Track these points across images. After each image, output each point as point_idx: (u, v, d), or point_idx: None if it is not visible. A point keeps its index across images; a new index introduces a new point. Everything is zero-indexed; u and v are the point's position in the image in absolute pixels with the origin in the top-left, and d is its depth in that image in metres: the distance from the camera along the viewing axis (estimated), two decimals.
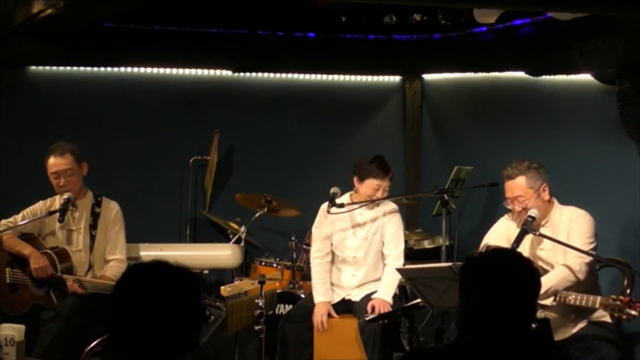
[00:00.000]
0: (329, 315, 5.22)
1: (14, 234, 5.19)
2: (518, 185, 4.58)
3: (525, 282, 2.62)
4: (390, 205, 5.35)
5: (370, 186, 5.22)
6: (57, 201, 5.32)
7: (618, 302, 4.10)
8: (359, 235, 5.31)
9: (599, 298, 4.21)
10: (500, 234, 4.75)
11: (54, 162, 5.24)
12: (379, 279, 5.29)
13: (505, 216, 4.84)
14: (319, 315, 5.19)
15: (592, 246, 4.48)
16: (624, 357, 4.37)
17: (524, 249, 4.63)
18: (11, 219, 5.25)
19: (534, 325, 4.21)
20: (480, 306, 2.59)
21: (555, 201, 4.66)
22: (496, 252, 2.74)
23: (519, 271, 2.63)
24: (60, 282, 5.06)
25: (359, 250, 5.30)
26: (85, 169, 5.34)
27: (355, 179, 5.27)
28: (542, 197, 4.59)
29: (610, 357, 4.27)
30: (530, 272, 2.66)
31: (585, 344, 4.37)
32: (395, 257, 5.25)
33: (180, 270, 2.38)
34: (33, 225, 5.24)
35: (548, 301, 4.36)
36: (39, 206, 5.32)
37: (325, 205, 5.36)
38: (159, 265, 2.38)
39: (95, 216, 5.32)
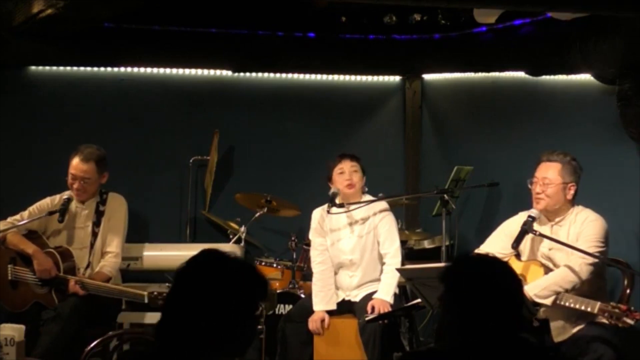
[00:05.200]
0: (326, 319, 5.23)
1: (18, 231, 5.20)
2: (552, 169, 4.59)
3: (505, 287, 2.65)
4: (381, 205, 5.33)
5: (337, 176, 5.24)
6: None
7: (617, 310, 4.09)
8: (352, 236, 5.30)
9: (598, 304, 4.18)
10: (507, 233, 4.71)
11: (76, 165, 5.25)
12: (377, 279, 5.28)
13: (520, 214, 4.75)
14: (313, 322, 5.20)
15: (599, 250, 4.42)
16: (624, 358, 4.36)
17: (535, 248, 4.63)
18: (17, 216, 5.26)
19: (536, 324, 4.24)
20: (465, 312, 2.62)
21: (578, 205, 4.63)
22: (474, 260, 2.78)
23: (498, 276, 2.66)
24: (63, 282, 5.06)
25: (353, 252, 5.29)
26: (105, 178, 5.36)
27: (329, 185, 5.30)
28: (565, 193, 4.57)
29: (607, 357, 4.27)
30: (507, 275, 2.69)
31: (585, 343, 4.36)
32: (393, 254, 5.24)
33: (251, 269, 2.40)
34: (38, 222, 5.24)
35: (548, 301, 4.35)
36: (47, 203, 5.32)
37: (316, 213, 5.39)
38: (232, 257, 2.40)
39: (99, 214, 5.33)
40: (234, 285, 2.34)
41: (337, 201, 5.25)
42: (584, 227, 4.51)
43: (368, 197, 5.34)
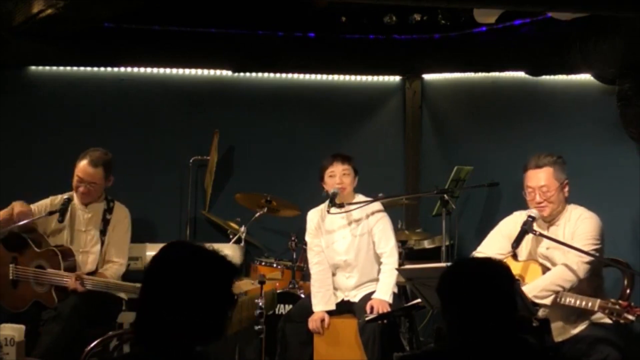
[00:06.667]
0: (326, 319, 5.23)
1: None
2: (545, 175, 4.53)
3: (505, 288, 2.65)
4: (374, 206, 5.32)
5: (328, 179, 5.25)
6: None
7: (617, 306, 4.08)
8: (346, 237, 5.31)
9: (598, 301, 4.18)
10: (504, 234, 4.71)
11: (83, 169, 5.22)
12: (376, 279, 5.28)
13: (514, 214, 4.75)
14: (312, 322, 5.21)
15: (594, 247, 4.41)
16: (626, 359, 4.36)
17: (533, 248, 4.62)
18: None
19: (536, 324, 4.23)
20: (463, 314, 2.62)
21: (571, 203, 4.62)
22: (470, 263, 2.79)
23: (497, 277, 2.66)
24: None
25: (348, 252, 5.30)
26: (111, 182, 5.35)
27: (322, 185, 5.31)
28: (564, 192, 4.56)
29: (612, 357, 4.26)
30: (506, 276, 2.69)
31: (587, 345, 4.36)
32: (389, 253, 5.24)
33: (216, 255, 2.44)
34: (38, 223, 5.23)
35: (547, 301, 4.35)
36: (47, 203, 5.31)
37: (312, 214, 5.40)
38: (196, 246, 2.45)
39: (105, 222, 5.32)
40: (200, 272, 2.39)
41: (337, 201, 5.25)
42: (578, 225, 4.50)
43: (361, 197, 5.34)
